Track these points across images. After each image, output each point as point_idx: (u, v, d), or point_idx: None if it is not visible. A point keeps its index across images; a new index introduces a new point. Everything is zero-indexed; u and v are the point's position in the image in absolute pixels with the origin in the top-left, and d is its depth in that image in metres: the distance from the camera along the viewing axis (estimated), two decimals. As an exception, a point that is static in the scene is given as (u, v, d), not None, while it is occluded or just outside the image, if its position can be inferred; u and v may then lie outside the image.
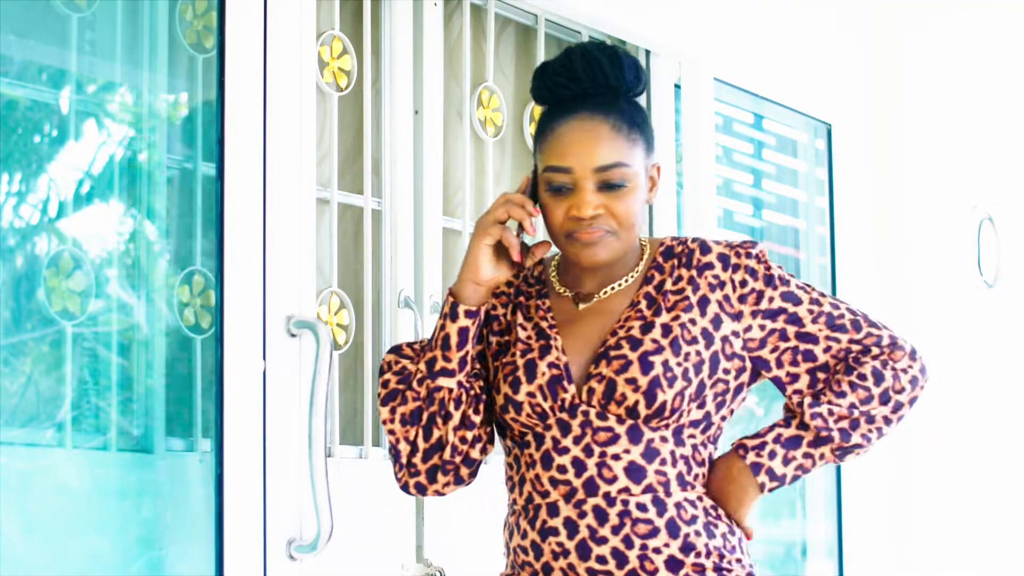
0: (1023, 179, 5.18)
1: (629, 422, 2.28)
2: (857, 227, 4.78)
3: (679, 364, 2.30)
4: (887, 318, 4.74)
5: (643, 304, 2.36)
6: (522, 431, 2.33)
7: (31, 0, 2.65)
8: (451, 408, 2.33)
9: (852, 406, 2.34)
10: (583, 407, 2.30)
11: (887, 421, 2.36)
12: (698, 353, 2.32)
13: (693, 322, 2.33)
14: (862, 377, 2.34)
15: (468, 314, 2.33)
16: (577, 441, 2.29)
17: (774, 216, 4.71)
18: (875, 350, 2.37)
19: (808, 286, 2.40)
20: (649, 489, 2.28)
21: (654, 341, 2.31)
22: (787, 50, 4.47)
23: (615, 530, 2.26)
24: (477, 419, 2.34)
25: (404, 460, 2.34)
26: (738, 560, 2.30)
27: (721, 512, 2.32)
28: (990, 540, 4.97)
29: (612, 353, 2.31)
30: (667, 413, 2.28)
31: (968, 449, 4.91)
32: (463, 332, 2.33)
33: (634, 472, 2.28)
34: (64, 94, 2.69)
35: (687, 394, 2.29)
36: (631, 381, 2.28)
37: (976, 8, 5.07)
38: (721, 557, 2.29)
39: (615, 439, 2.28)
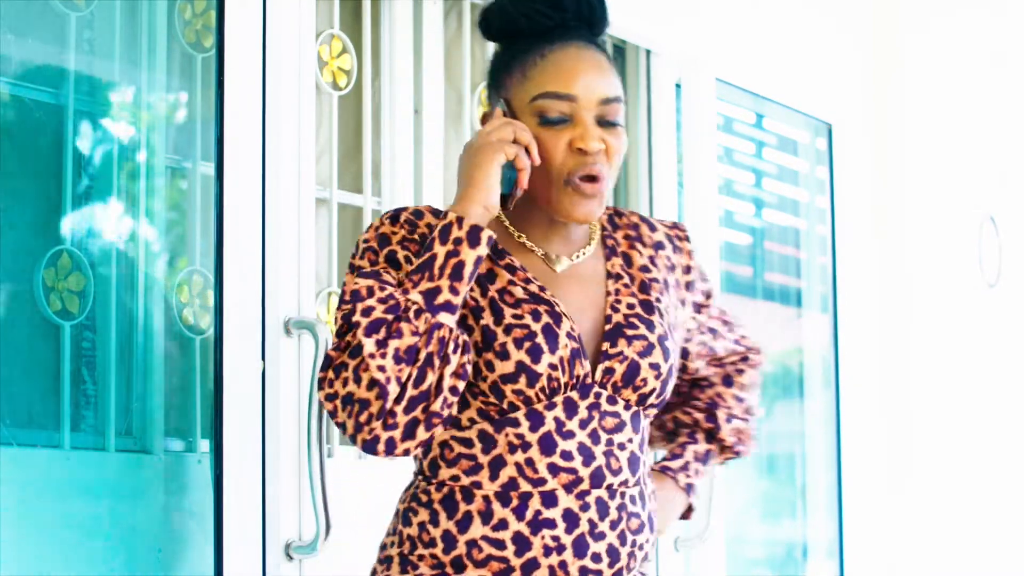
0: (1024, 179, 5.18)
1: (634, 409, 2.07)
2: (858, 227, 4.77)
3: (674, 353, 2.12)
4: (888, 318, 4.77)
5: (625, 279, 2.13)
6: (513, 405, 2.01)
7: (29, -1, 2.65)
8: (450, 351, 1.93)
9: (747, 419, 2.35)
10: (595, 388, 2.04)
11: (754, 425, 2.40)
12: (675, 343, 2.13)
13: (669, 308, 2.15)
14: (745, 388, 2.36)
15: (489, 240, 1.96)
16: (583, 425, 2.02)
17: (775, 216, 4.70)
18: (753, 357, 2.37)
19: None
20: (639, 482, 2.08)
21: (661, 324, 2.10)
22: (788, 50, 4.47)
23: (613, 525, 2.03)
24: (470, 371, 1.98)
25: (387, 406, 1.90)
26: None
27: None
28: (991, 541, 4.96)
29: (628, 332, 2.06)
30: (662, 404, 2.11)
31: (969, 449, 4.90)
32: (479, 262, 1.96)
33: (634, 463, 2.06)
34: (62, 93, 2.68)
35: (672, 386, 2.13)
36: (655, 366, 2.06)
37: (976, 8, 5.06)
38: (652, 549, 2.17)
39: (622, 426, 2.05)
